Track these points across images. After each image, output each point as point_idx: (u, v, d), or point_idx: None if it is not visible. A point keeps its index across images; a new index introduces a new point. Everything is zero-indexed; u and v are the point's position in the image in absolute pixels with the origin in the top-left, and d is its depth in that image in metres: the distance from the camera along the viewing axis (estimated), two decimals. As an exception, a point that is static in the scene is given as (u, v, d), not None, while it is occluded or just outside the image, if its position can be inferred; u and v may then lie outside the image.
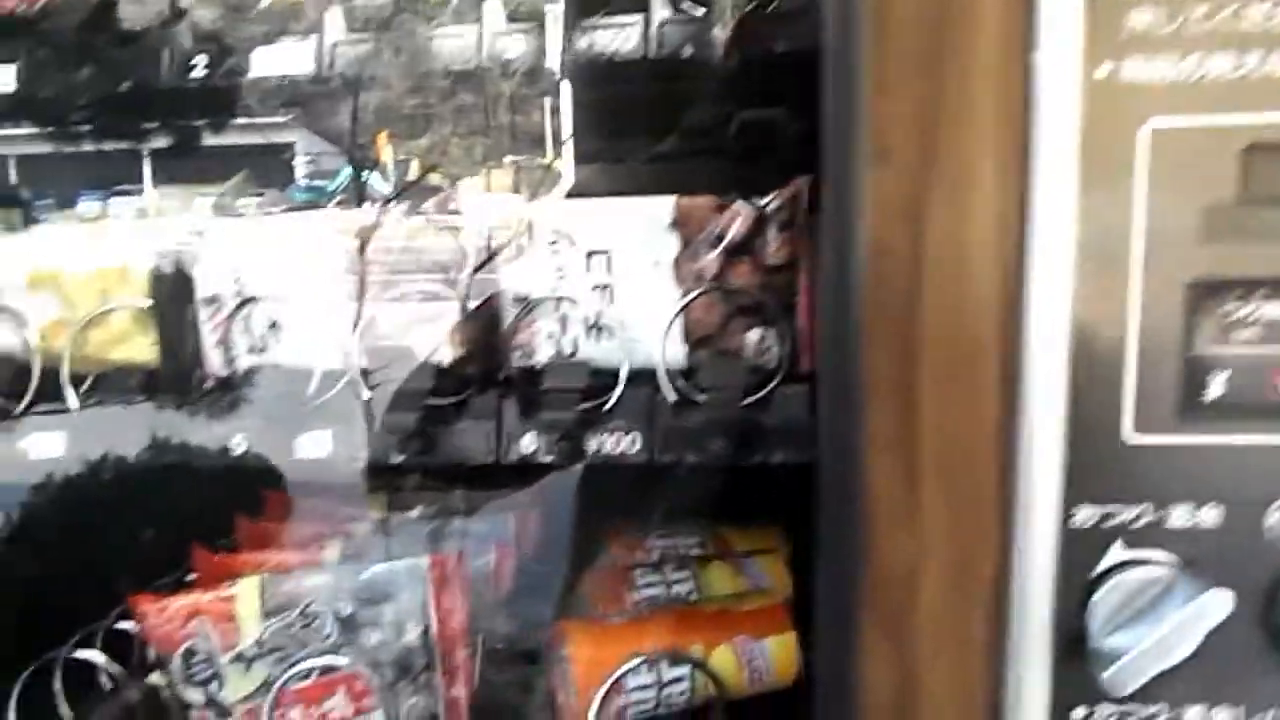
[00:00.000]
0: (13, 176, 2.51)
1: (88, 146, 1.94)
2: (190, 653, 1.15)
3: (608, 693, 1.14)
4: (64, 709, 1.26)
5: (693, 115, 1.51)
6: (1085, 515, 0.77)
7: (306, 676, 1.16)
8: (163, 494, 2.19)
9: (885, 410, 0.77)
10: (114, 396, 1.17)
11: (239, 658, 1.16)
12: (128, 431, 1.18)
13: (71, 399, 1.16)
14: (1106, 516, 0.77)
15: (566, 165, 1.76)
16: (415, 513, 1.33)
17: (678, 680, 1.18)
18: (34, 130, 2.00)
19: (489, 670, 1.24)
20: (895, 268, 0.75)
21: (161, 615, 1.14)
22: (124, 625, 1.28)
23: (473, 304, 1.12)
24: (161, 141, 1.97)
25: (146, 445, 1.18)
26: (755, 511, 1.36)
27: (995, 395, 0.76)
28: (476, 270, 1.12)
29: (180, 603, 1.15)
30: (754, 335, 1.10)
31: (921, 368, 0.76)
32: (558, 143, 2.01)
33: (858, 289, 0.76)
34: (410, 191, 1.45)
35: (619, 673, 1.15)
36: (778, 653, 1.22)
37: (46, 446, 1.17)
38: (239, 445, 1.15)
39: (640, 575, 1.31)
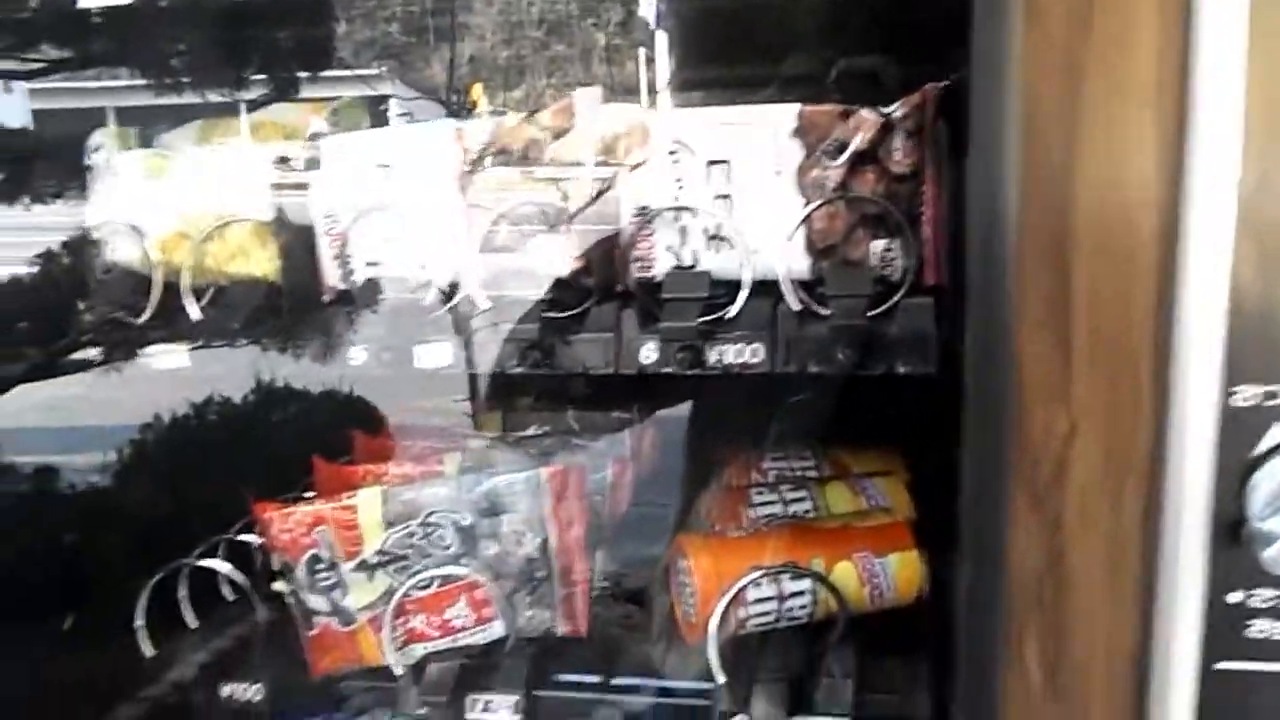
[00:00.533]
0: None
1: (186, 97, 2.00)
2: (314, 560, 1.18)
3: (729, 605, 1.14)
4: (189, 614, 1.31)
5: (796, 55, 1.50)
6: (1247, 394, 0.74)
7: (427, 586, 1.19)
8: (283, 408, 2.25)
9: (1038, 283, 0.75)
10: (233, 310, 1.20)
11: (361, 566, 1.18)
12: (247, 347, 1.22)
13: (193, 310, 1.19)
14: (1269, 395, 0.74)
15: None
16: (532, 430, 1.34)
17: (798, 594, 1.18)
18: (133, 81, 2.06)
19: (606, 583, 1.25)
20: (1048, 131, 0.73)
21: (285, 523, 1.18)
22: (246, 538, 1.33)
23: (591, 215, 1.12)
24: (258, 92, 2.01)
25: (266, 358, 1.21)
26: (873, 433, 1.34)
27: (1153, 267, 0.74)
28: (594, 182, 1.13)
29: (303, 511, 1.18)
30: (878, 246, 1.08)
31: (1076, 238, 0.74)
32: (653, 93, 2.02)
33: (1009, 156, 0.74)
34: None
35: (740, 585, 1.15)
36: (900, 570, 1.21)
37: (170, 359, 1.21)
38: (357, 357, 1.17)
39: (757, 494, 1.31)
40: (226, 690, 1.25)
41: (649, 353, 1.08)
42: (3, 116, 2.31)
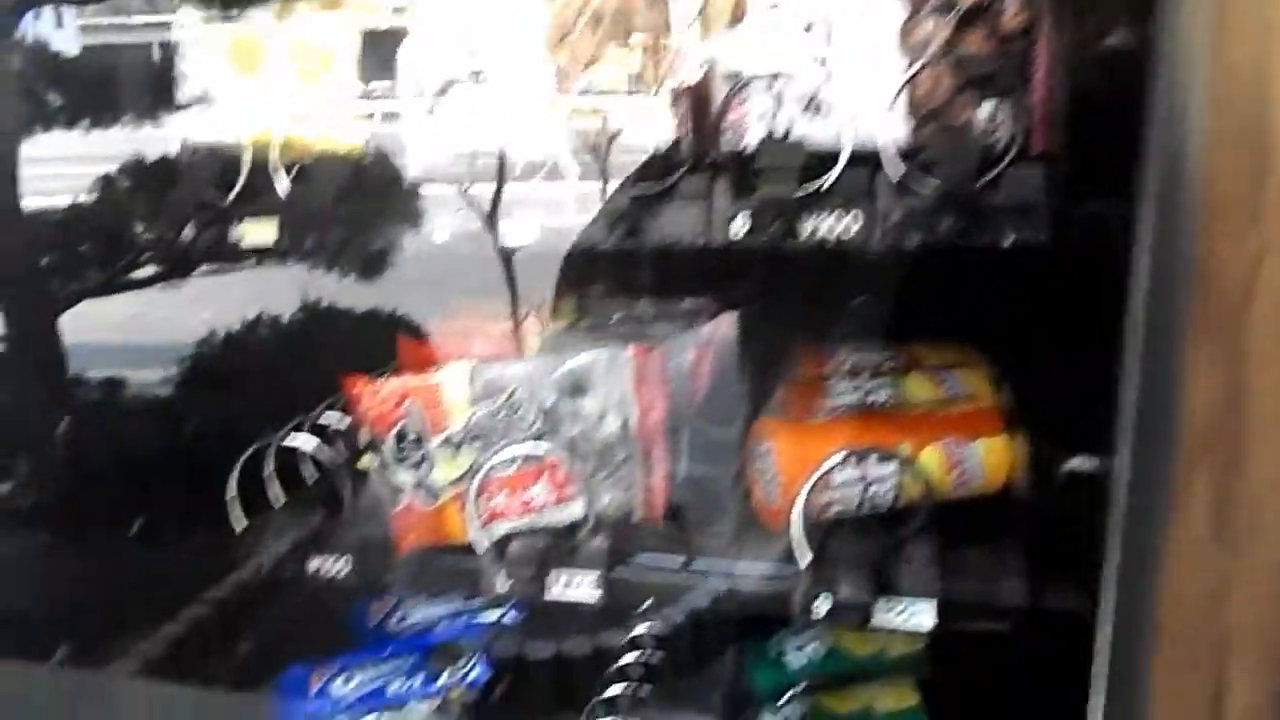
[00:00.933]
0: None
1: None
2: (401, 435, 1.18)
3: (812, 489, 1.12)
4: (275, 489, 1.32)
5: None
6: None
7: (510, 464, 1.18)
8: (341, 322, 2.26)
9: (1231, 98, 0.69)
10: (321, 185, 1.18)
11: (447, 442, 1.18)
12: (334, 221, 1.20)
13: (281, 184, 1.17)
14: None
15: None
16: (614, 316, 1.32)
17: (882, 479, 1.15)
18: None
19: (686, 466, 1.24)
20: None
21: (374, 397, 1.17)
22: (326, 421, 1.33)
23: (681, 81, 1.08)
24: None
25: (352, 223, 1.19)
26: (958, 319, 1.30)
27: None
28: (687, 47, 1.08)
29: (392, 385, 1.17)
30: (985, 110, 1.02)
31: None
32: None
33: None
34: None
35: (826, 467, 1.12)
36: (988, 456, 1.18)
37: (259, 233, 1.19)
38: (441, 232, 1.15)
39: (834, 384, 1.27)
40: (314, 565, 1.26)
41: (740, 224, 1.04)
42: (58, 44, 2.30)
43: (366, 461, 1.21)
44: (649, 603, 1.42)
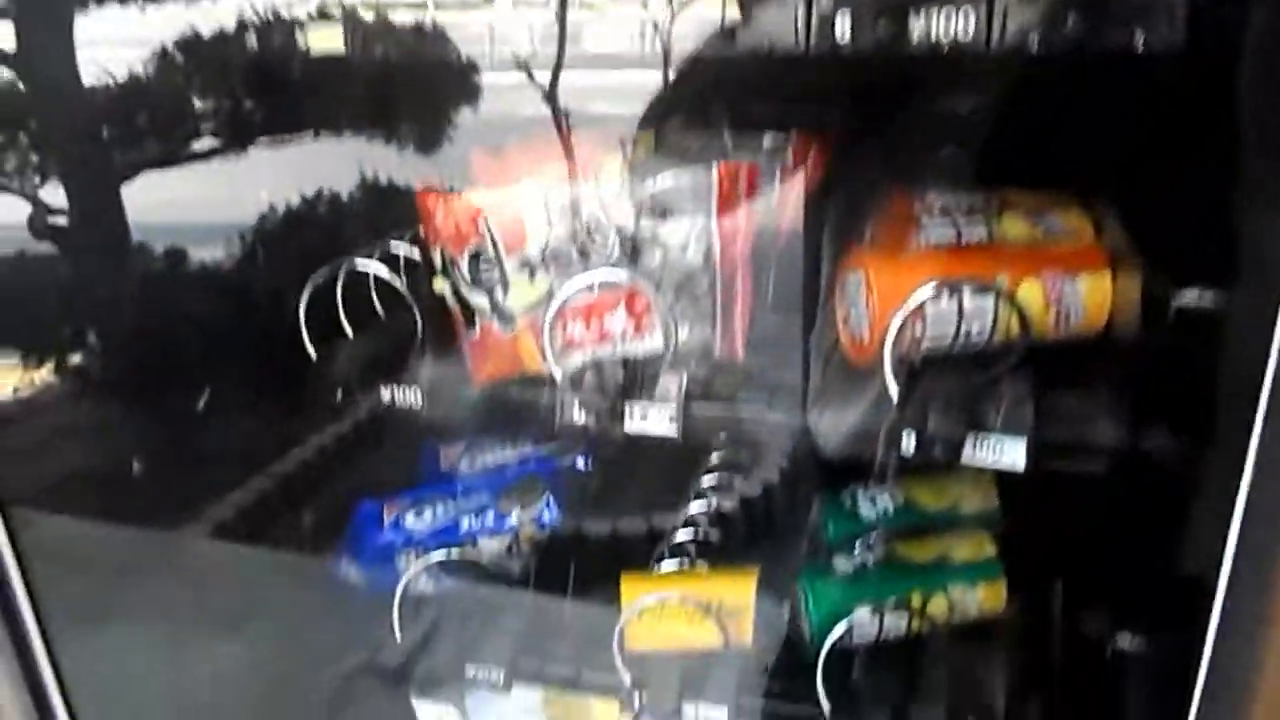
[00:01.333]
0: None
1: None
2: (476, 255, 1.14)
3: (906, 321, 1.07)
4: (347, 323, 1.30)
5: None
6: None
7: (589, 290, 1.14)
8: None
9: None
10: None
11: (523, 264, 1.14)
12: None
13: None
14: None
15: None
16: (696, 147, 1.26)
17: (979, 313, 1.10)
18: None
19: (770, 300, 1.19)
20: None
21: (449, 214, 1.13)
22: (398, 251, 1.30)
23: None
24: None
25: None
26: (1060, 151, 1.22)
27: None
28: None
29: (468, 203, 1.13)
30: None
31: None
32: None
33: None
34: None
35: (921, 297, 1.07)
36: (1090, 293, 1.11)
37: (323, 39, 1.15)
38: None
39: (927, 221, 1.21)
40: (387, 396, 1.25)
41: (844, 25, 0.97)
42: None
43: (439, 285, 1.18)
44: (722, 438, 1.40)
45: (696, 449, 1.57)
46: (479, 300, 1.16)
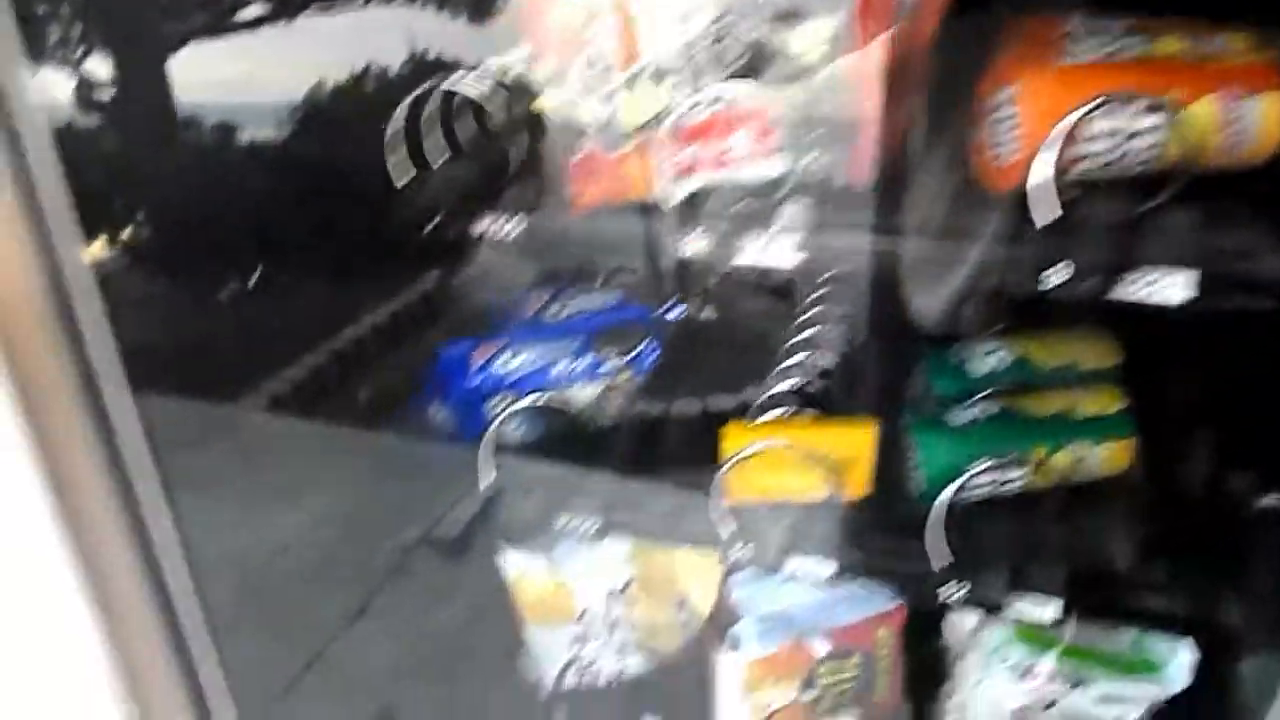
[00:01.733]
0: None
1: None
2: (587, 63, 1.04)
3: (1063, 140, 0.97)
4: (437, 139, 1.22)
5: None
6: None
7: (709, 106, 1.05)
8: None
9: None
10: None
11: (637, 75, 1.05)
12: None
13: None
14: None
15: None
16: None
17: (1145, 133, 1.00)
18: None
19: (904, 122, 1.09)
20: None
21: (560, 17, 1.04)
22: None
23: None
24: None
25: None
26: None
27: None
28: None
29: (584, 3, 1.03)
30: None
31: None
32: None
33: None
34: None
35: (1081, 113, 0.97)
36: (1266, 115, 1.00)
37: None
38: None
39: (1072, 43, 1.09)
40: (481, 225, 1.17)
41: None
42: None
43: (541, 104, 1.09)
44: (831, 274, 1.32)
45: (794, 303, 1.49)
46: (586, 115, 1.07)
